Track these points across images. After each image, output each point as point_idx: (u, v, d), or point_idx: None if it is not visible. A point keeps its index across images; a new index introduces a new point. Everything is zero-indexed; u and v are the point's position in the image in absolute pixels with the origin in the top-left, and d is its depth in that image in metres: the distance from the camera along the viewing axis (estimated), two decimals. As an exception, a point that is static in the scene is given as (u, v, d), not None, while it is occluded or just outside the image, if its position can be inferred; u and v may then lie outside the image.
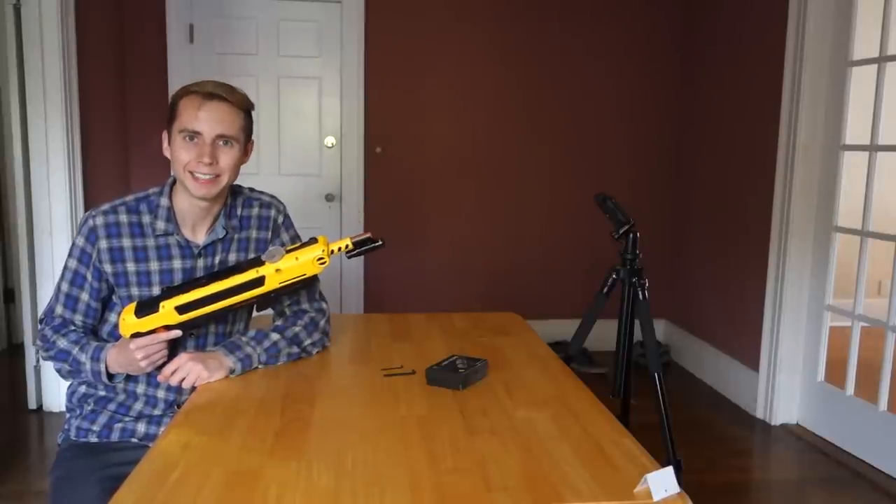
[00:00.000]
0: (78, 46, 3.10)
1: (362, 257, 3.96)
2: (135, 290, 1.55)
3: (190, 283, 1.47)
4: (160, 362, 1.48)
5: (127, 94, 3.75)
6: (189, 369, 1.45)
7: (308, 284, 1.62)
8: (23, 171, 3.13)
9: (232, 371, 1.49)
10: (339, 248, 1.44)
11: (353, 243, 1.44)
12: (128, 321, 1.44)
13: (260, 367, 1.56)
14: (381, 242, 1.44)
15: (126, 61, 3.74)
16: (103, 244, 1.54)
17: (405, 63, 3.91)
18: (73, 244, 1.57)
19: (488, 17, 3.94)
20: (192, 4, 3.74)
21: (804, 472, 2.80)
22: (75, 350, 1.51)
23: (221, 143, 1.51)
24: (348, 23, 3.83)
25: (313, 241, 1.46)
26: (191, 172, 1.49)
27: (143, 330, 1.44)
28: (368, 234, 1.43)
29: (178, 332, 1.46)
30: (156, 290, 1.54)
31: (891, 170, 3.52)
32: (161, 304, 1.43)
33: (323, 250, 1.44)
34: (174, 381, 1.46)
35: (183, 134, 1.49)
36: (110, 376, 1.51)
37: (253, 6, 3.79)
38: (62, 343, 1.52)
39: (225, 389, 1.42)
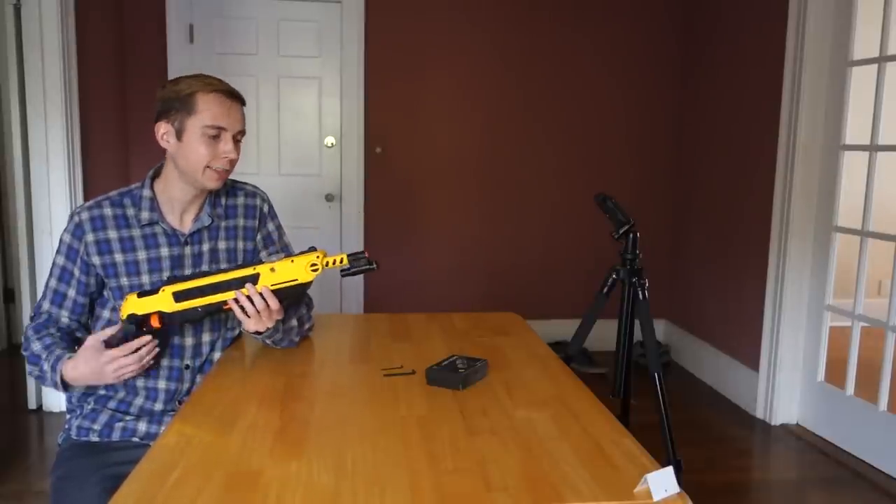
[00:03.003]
0: (78, 46, 3.10)
1: (362, 249, 3.97)
2: (124, 280, 1.57)
3: (193, 275, 1.51)
4: (129, 376, 1.48)
5: (127, 94, 3.75)
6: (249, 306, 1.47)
7: (298, 298, 1.63)
8: (23, 170, 3.14)
9: (264, 331, 1.53)
10: (334, 262, 1.46)
11: (349, 260, 1.45)
12: (129, 300, 1.49)
13: (267, 342, 1.63)
14: (375, 266, 1.45)
15: (126, 61, 3.74)
16: (90, 237, 1.56)
17: (405, 63, 3.91)
18: (61, 241, 1.59)
19: (488, 18, 3.94)
20: (192, 4, 3.74)
21: (804, 472, 2.80)
22: (44, 356, 1.51)
23: (237, 140, 1.58)
24: (348, 23, 3.83)
25: (312, 249, 1.49)
26: (209, 168, 1.54)
27: (139, 312, 1.47)
28: (365, 253, 1.44)
29: (148, 338, 1.46)
30: (145, 279, 1.57)
31: (891, 170, 3.52)
32: (162, 288, 1.48)
33: (318, 257, 1.46)
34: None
35: (208, 129, 1.53)
36: (67, 387, 1.50)
37: (253, 6, 3.79)
38: (36, 346, 1.53)
39: (225, 389, 1.42)
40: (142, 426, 1.59)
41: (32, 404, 3.21)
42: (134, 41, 3.72)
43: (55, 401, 3.19)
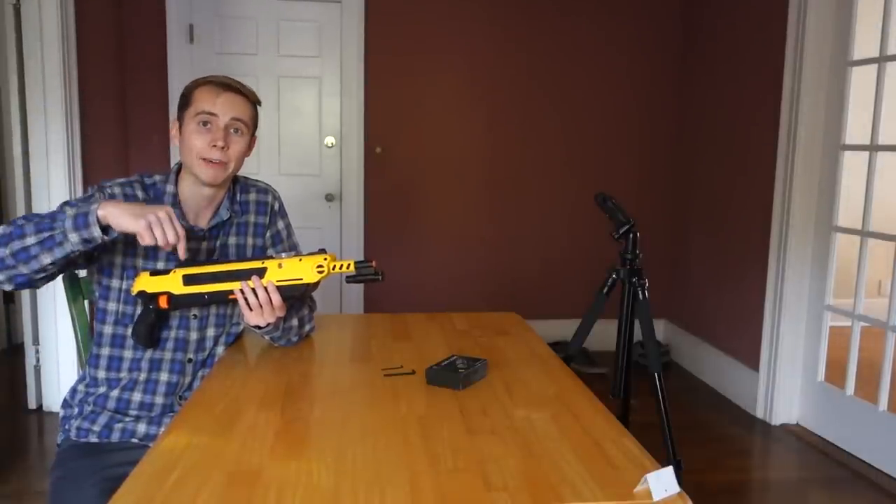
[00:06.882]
0: (78, 46, 3.10)
1: (362, 249, 3.98)
2: (140, 262, 1.57)
3: (205, 262, 1.54)
4: (160, 233, 1.37)
5: (127, 94, 3.75)
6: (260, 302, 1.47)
7: (301, 298, 1.64)
8: (23, 170, 3.13)
9: (266, 325, 1.53)
10: (341, 267, 1.47)
11: (356, 267, 1.46)
12: (142, 278, 1.52)
13: (266, 338, 1.64)
14: (380, 277, 1.46)
15: (126, 61, 3.74)
16: None
17: (405, 63, 3.91)
18: (79, 202, 1.48)
19: (488, 18, 3.94)
20: (191, 4, 3.74)
21: (804, 472, 2.80)
22: (58, 210, 1.38)
23: (233, 130, 1.57)
24: (348, 23, 3.83)
25: (321, 252, 1.50)
26: (202, 159, 1.54)
27: (149, 290, 1.51)
28: (373, 263, 1.46)
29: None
30: (161, 265, 1.59)
31: (891, 170, 3.52)
32: (174, 269, 1.51)
33: (325, 259, 1.47)
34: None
35: (198, 118, 1.54)
36: (103, 230, 1.36)
37: (253, 6, 3.79)
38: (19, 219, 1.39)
39: (225, 389, 1.42)
40: (141, 427, 1.59)
41: (32, 404, 3.20)
42: (134, 41, 3.72)
43: (55, 401, 3.19)
